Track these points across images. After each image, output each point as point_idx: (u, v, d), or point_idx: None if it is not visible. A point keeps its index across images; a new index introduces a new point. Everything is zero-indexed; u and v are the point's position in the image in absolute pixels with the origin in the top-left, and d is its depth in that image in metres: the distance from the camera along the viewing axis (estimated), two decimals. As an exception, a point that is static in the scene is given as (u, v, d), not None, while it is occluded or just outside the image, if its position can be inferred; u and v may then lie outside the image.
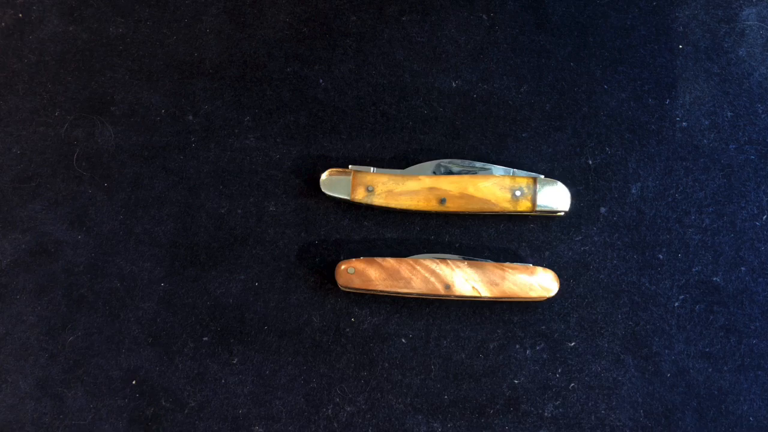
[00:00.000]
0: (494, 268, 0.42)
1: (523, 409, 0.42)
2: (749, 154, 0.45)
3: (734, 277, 0.43)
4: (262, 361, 0.42)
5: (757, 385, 0.42)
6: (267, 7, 0.47)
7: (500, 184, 0.43)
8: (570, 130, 0.45)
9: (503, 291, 0.42)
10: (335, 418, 0.42)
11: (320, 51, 0.46)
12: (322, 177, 0.43)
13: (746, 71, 0.45)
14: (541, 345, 0.43)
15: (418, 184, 0.43)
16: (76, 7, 0.47)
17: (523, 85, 0.46)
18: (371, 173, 0.43)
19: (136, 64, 0.46)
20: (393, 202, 0.43)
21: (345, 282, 0.42)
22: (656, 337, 0.43)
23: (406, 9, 0.47)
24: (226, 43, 0.46)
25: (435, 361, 0.43)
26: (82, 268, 0.44)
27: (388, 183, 0.43)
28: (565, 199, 0.43)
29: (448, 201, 0.43)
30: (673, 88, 0.45)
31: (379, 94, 0.46)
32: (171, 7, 0.47)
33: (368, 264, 0.42)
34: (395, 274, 0.42)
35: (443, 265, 0.42)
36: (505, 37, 0.46)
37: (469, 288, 0.42)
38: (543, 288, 0.42)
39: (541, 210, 0.43)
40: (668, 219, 0.44)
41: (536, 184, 0.43)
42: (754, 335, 0.43)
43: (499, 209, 0.43)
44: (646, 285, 0.43)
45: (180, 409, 0.42)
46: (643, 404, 0.42)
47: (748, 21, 0.46)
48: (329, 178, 0.43)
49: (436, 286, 0.42)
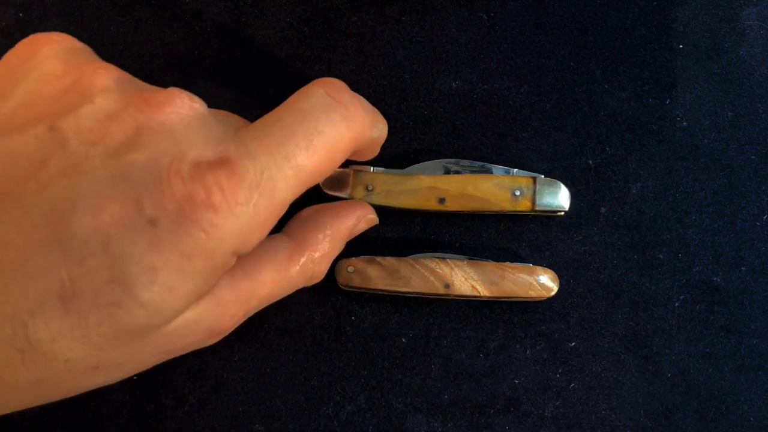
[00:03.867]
0: (494, 267, 0.42)
1: (523, 409, 0.42)
2: (750, 154, 0.45)
3: (735, 277, 0.43)
4: (263, 358, 0.42)
5: (758, 385, 0.42)
6: (268, 7, 0.47)
7: (500, 184, 0.43)
8: (570, 130, 0.45)
9: (503, 290, 0.42)
10: (335, 417, 0.42)
11: (321, 51, 0.46)
12: None
13: (746, 71, 0.46)
14: (541, 345, 0.43)
15: (417, 183, 0.43)
16: (77, 7, 0.47)
17: (523, 85, 0.46)
18: (371, 172, 0.43)
19: (137, 63, 0.46)
20: (392, 201, 0.43)
21: (345, 280, 0.42)
22: (656, 337, 0.43)
23: (406, 9, 0.47)
24: (226, 42, 0.46)
25: (435, 361, 0.43)
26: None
27: (388, 182, 0.43)
28: (564, 199, 0.43)
29: (448, 201, 0.43)
30: (673, 88, 0.45)
31: (379, 94, 0.46)
32: (172, 6, 0.47)
33: (368, 263, 0.42)
34: (395, 273, 0.42)
35: (443, 264, 0.42)
36: (505, 37, 0.46)
37: (468, 287, 0.42)
38: (543, 287, 0.42)
39: (540, 210, 0.43)
40: (668, 219, 0.44)
41: (536, 184, 0.43)
42: (755, 335, 0.43)
43: (499, 209, 0.43)
44: (647, 285, 0.43)
45: (180, 405, 0.42)
46: (643, 404, 0.42)
47: (749, 21, 0.46)
48: (329, 177, 0.43)
49: (435, 285, 0.42)
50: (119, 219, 0.27)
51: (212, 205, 0.28)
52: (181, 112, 0.29)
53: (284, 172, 0.30)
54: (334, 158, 0.32)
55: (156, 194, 0.27)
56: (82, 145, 0.28)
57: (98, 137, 0.28)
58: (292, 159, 0.30)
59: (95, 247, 0.27)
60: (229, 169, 0.28)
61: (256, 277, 0.33)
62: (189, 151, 0.28)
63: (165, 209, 0.27)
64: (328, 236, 0.37)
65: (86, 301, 0.27)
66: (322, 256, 0.37)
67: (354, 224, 0.39)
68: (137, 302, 0.27)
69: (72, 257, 0.26)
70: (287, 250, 0.35)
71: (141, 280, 0.27)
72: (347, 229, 0.38)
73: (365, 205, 0.40)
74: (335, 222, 0.38)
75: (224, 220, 0.28)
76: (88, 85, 0.30)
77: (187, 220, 0.27)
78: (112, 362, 0.29)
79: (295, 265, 0.35)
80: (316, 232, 0.37)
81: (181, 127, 0.29)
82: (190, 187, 0.27)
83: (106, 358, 0.28)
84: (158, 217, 0.27)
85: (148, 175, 0.28)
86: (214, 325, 0.32)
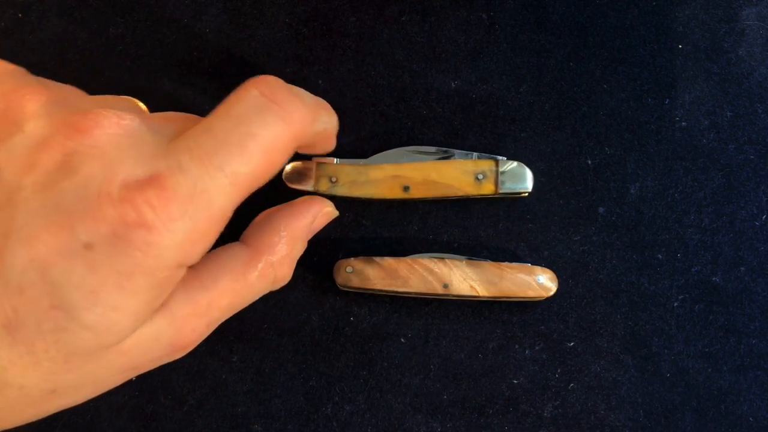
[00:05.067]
0: (492, 267, 0.42)
1: (522, 409, 0.42)
2: (749, 154, 0.45)
3: (734, 277, 0.43)
4: (262, 359, 0.42)
5: (757, 385, 0.42)
6: (266, 8, 0.47)
7: (462, 169, 0.43)
8: (569, 130, 0.45)
9: (501, 290, 0.42)
10: (334, 417, 0.42)
11: (319, 51, 0.46)
12: (285, 169, 0.43)
13: (746, 71, 0.45)
14: (540, 345, 0.43)
15: (380, 172, 0.43)
16: (76, 7, 0.47)
17: (522, 85, 0.46)
18: (334, 164, 0.43)
19: (136, 64, 0.46)
20: (357, 191, 0.43)
21: (343, 281, 0.42)
22: (655, 337, 0.43)
23: (405, 9, 0.47)
24: (225, 43, 0.46)
25: (434, 361, 0.43)
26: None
27: (351, 173, 0.43)
28: (527, 180, 0.43)
29: (412, 188, 0.43)
30: (672, 88, 0.45)
31: (379, 94, 0.46)
32: (170, 7, 0.47)
33: (367, 263, 0.42)
34: (393, 273, 0.42)
35: (441, 264, 0.42)
36: (505, 37, 0.46)
37: (467, 287, 0.42)
38: (541, 287, 0.42)
39: (504, 192, 0.43)
40: (667, 219, 0.44)
41: (498, 166, 0.43)
42: (754, 335, 0.43)
43: (463, 194, 0.43)
44: (646, 285, 0.43)
45: (179, 406, 0.42)
46: (642, 404, 0.42)
47: (748, 21, 0.46)
48: (292, 170, 0.43)
49: (434, 285, 0.42)
50: (54, 247, 0.27)
51: (145, 224, 0.28)
52: (110, 132, 0.29)
53: (218, 182, 0.29)
54: (273, 159, 0.32)
55: (88, 220, 0.28)
56: (14, 176, 0.28)
57: (30, 167, 0.28)
58: (227, 167, 0.29)
59: (33, 277, 0.27)
60: (160, 186, 0.28)
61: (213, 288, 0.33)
62: (119, 172, 0.28)
63: (99, 233, 0.27)
64: (284, 237, 0.37)
65: (31, 329, 0.27)
66: (281, 259, 0.36)
67: (310, 221, 0.38)
68: (82, 325, 0.27)
69: (11, 288, 0.27)
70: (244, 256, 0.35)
71: (83, 303, 0.27)
72: (304, 228, 0.38)
73: (321, 200, 0.39)
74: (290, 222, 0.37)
75: (160, 237, 0.28)
76: (17, 113, 0.30)
77: (121, 242, 0.28)
78: (69, 385, 0.29)
79: (253, 271, 0.35)
80: (271, 235, 0.36)
81: (110, 148, 0.29)
82: (121, 209, 0.28)
83: (62, 381, 0.29)
84: (93, 241, 0.27)
85: (80, 202, 0.28)
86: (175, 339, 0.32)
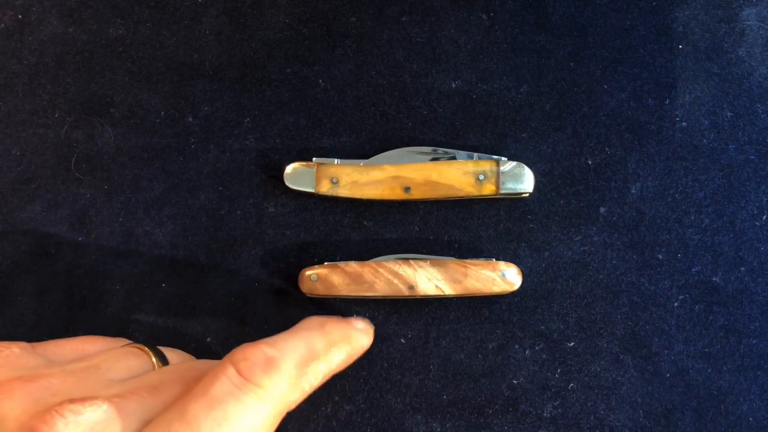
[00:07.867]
0: (457, 265, 0.42)
1: (522, 409, 0.42)
2: (749, 154, 0.44)
3: (734, 278, 0.43)
4: (261, 362, 0.43)
5: (757, 385, 0.42)
6: (267, 8, 0.47)
7: (463, 169, 0.43)
8: (570, 130, 0.45)
9: (467, 288, 0.41)
10: (334, 417, 0.42)
11: (320, 52, 0.46)
12: (286, 171, 0.43)
13: (746, 71, 0.45)
14: (540, 345, 0.43)
15: (382, 173, 0.43)
16: (76, 9, 0.47)
17: (522, 85, 0.46)
18: (335, 165, 0.43)
19: (136, 65, 0.46)
20: (358, 192, 0.43)
21: (308, 289, 0.42)
22: (656, 337, 0.43)
23: (405, 9, 0.47)
24: (225, 44, 0.46)
25: (434, 361, 0.43)
26: (83, 270, 0.44)
27: (353, 174, 0.43)
28: (528, 180, 0.43)
29: (413, 189, 0.43)
30: (672, 88, 0.45)
31: (379, 94, 0.46)
32: (170, 8, 0.47)
33: (331, 269, 0.42)
34: (358, 278, 0.42)
35: (406, 266, 0.42)
36: (505, 37, 0.46)
37: (432, 287, 0.41)
38: (506, 282, 0.42)
39: (505, 193, 0.43)
40: (668, 219, 0.44)
41: (499, 166, 0.43)
42: (754, 335, 0.43)
43: (464, 194, 0.43)
44: (646, 285, 0.43)
45: (178, 411, 0.42)
46: (642, 404, 0.42)
47: (748, 21, 0.46)
48: (293, 171, 0.43)
49: (399, 287, 0.41)
50: None
51: None
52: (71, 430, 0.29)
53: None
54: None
55: None
56: None
57: None
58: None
59: None
60: None
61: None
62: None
63: None
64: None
65: None
66: None
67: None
68: None
69: None
70: None
71: None
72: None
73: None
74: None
75: None
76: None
77: None
78: None
79: None
80: None
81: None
82: None
83: None
84: None
85: None
86: None
